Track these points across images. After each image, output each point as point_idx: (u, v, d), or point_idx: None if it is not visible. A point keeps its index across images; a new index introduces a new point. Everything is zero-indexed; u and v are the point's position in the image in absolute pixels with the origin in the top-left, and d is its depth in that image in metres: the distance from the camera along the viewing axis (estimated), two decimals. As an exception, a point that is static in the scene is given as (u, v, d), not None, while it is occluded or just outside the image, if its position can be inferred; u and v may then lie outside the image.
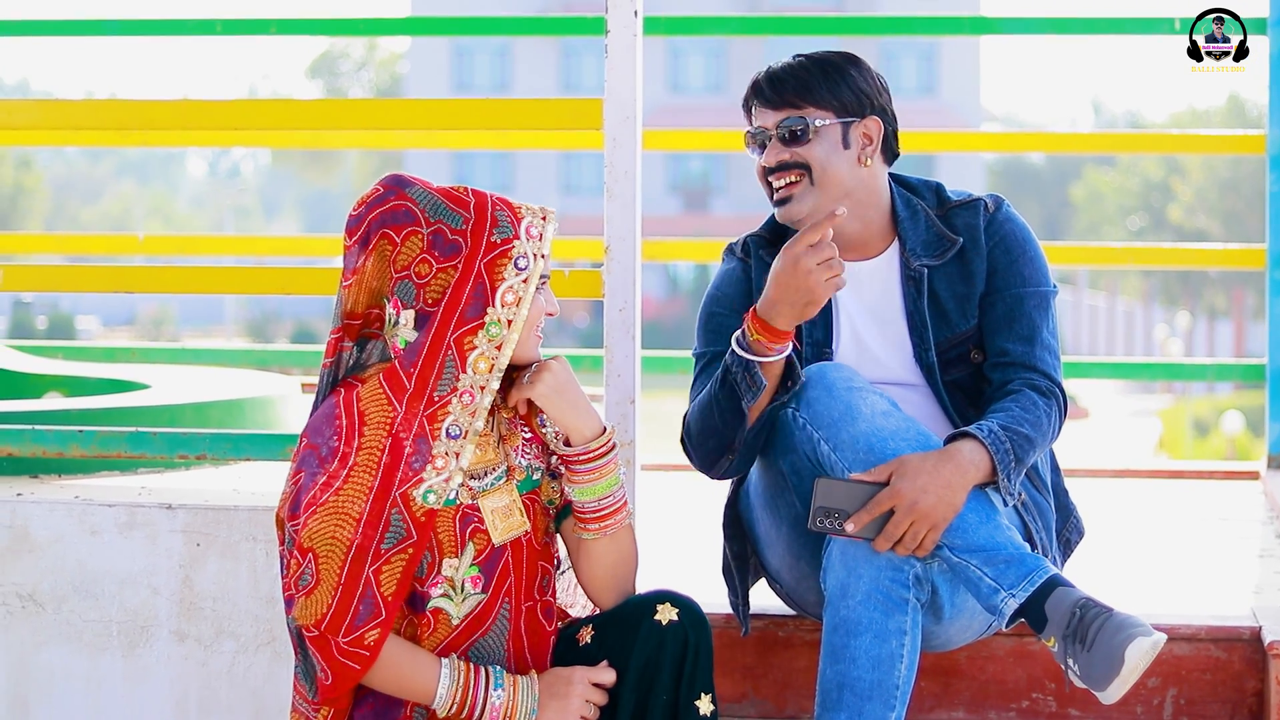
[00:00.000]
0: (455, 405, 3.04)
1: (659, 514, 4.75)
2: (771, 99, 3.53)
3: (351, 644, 2.97)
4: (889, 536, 3.24)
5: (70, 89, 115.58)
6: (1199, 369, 7.21)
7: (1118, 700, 3.13)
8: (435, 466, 3.02)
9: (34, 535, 4.07)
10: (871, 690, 3.24)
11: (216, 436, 4.31)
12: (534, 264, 3.06)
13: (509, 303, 3.04)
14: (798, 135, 3.49)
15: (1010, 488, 3.32)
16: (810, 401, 3.36)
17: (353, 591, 2.96)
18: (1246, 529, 5.10)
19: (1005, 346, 3.52)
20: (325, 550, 2.97)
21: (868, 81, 3.54)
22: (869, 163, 3.54)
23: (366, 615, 2.97)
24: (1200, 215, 47.10)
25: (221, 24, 6.46)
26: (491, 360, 3.04)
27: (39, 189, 55.69)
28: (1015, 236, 3.58)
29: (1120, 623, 3.09)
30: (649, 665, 3.08)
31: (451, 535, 3.07)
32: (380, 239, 3.05)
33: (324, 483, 2.99)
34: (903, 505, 3.22)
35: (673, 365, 6.54)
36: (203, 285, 4.46)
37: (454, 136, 7.41)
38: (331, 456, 3.00)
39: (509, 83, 58.58)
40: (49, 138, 7.04)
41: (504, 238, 3.05)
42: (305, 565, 2.97)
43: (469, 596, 3.09)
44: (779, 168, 3.52)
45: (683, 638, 3.08)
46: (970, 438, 3.31)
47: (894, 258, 3.61)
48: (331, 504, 2.97)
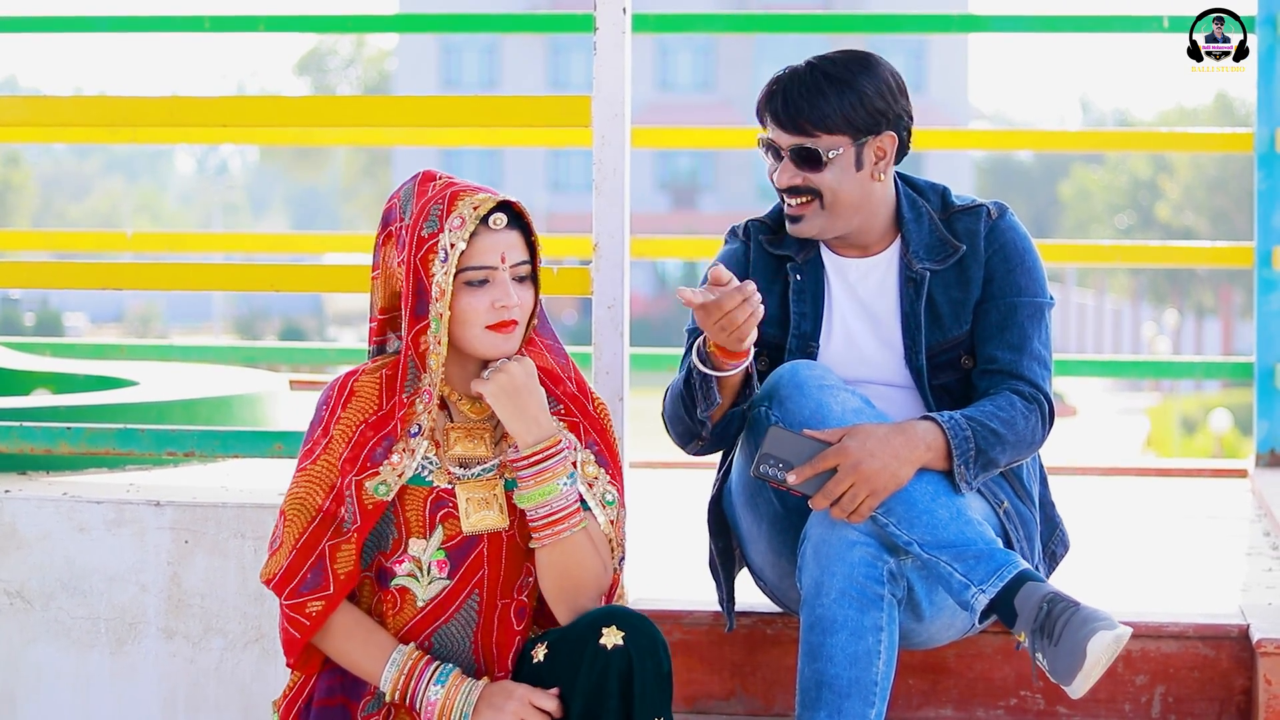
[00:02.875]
0: (419, 405, 3.07)
1: (647, 511, 4.75)
2: (784, 122, 3.51)
3: (293, 609, 3.03)
4: (827, 494, 3.26)
5: (59, 85, 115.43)
6: (1187, 367, 7.23)
7: (1084, 694, 3.13)
8: (390, 463, 3.06)
9: (22, 532, 4.06)
10: (850, 687, 3.25)
11: (204, 434, 4.30)
12: (452, 254, 3.01)
13: (436, 297, 3.03)
14: (811, 161, 3.50)
15: (968, 475, 3.32)
16: (782, 400, 3.38)
17: (306, 557, 3.04)
18: (1234, 527, 5.11)
19: (994, 354, 3.52)
20: (293, 513, 3.06)
21: (882, 95, 3.50)
22: (882, 177, 3.54)
23: (314, 584, 3.02)
24: (1188, 213, 47.17)
25: (210, 21, 6.46)
26: (438, 356, 3.05)
27: (27, 185, 55.66)
28: (1015, 246, 3.58)
29: (1085, 617, 3.09)
30: (595, 691, 2.97)
31: (420, 516, 3.09)
32: (386, 236, 3.11)
33: (308, 450, 3.09)
34: (846, 465, 3.24)
35: (661, 363, 6.54)
36: (191, 282, 4.46)
37: (442, 134, 7.41)
38: (318, 425, 3.10)
39: (497, 80, 58.53)
40: (37, 134, 7.03)
41: (431, 231, 3.03)
42: (278, 524, 3.07)
43: (434, 581, 3.09)
44: (791, 190, 3.53)
45: (627, 663, 2.95)
46: (928, 419, 3.33)
47: (894, 257, 3.61)
48: (309, 470, 3.07)
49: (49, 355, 7.07)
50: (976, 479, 3.35)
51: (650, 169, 56.02)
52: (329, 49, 67.85)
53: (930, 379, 3.55)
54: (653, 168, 56.33)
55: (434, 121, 4.61)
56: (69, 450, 4.30)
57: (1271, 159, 5.81)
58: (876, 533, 3.28)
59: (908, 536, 3.24)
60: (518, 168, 57.65)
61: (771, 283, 3.62)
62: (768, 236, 3.64)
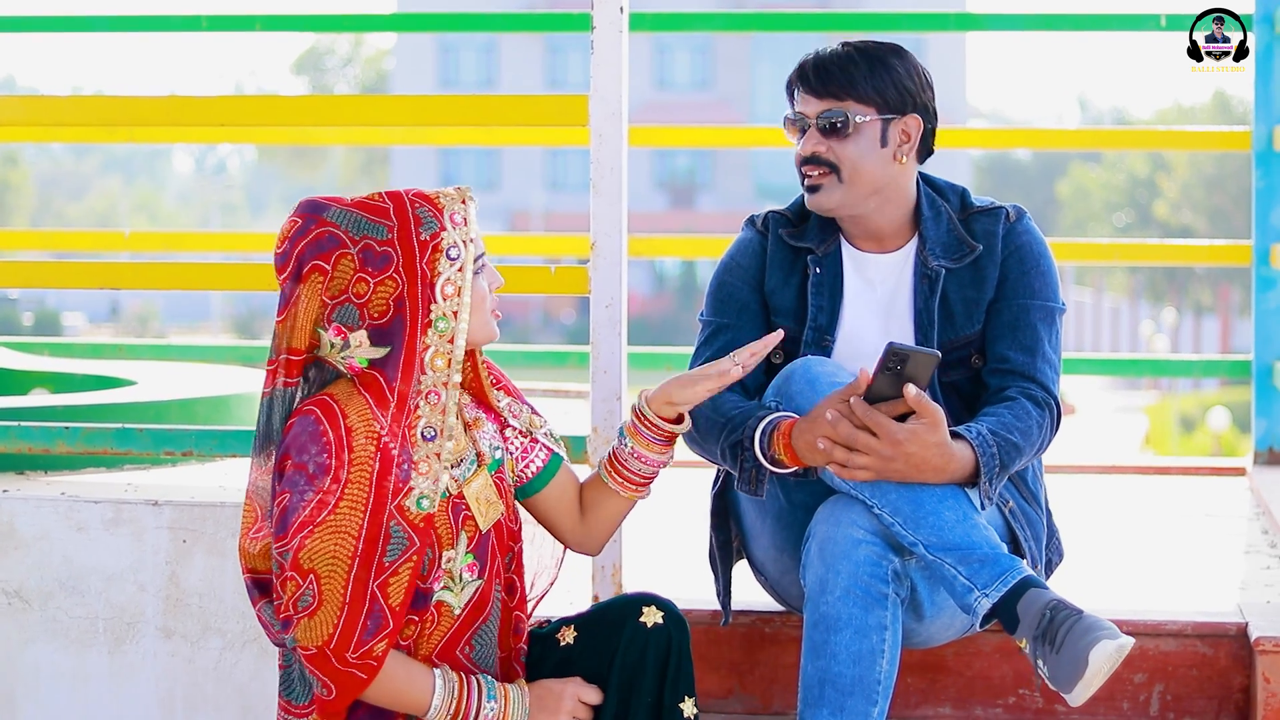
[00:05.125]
0: (424, 408, 3.03)
1: (647, 508, 4.75)
2: (816, 88, 3.52)
3: (361, 657, 2.94)
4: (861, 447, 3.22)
5: (56, 85, 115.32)
6: (1185, 365, 7.22)
7: (1084, 702, 3.13)
8: (420, 472, 3.01)
9: (20, 532, 4.06)
10: (853, 686, 3.25)
11: (203, 433, 4.30)
12: (465, 250, 3.03)
13: (449, 294, 3.02)
14: (837, 128, 3.50)
15: (990, 491, 3.32)
16: (793, 395, 3.38)
17: (359, 608, 2.93)
18: (1233, 525, 5.11)
19: (1006, 354, 3.52)
20: (327, 569, 2.92)
21: (913, 78, 3.53)
22: (904, 160, 3.55)
23: (374, 629, 2.95)
24: (1186, 211, 47.18)
25: (207, 20, 6.46)
26: (447, 355, 3.03)
27: (25, 185, 55.65)
28: (1031, 249, 3.59)
29: (1088, 626, 3.09)
30: (633, 668, 3.10)
31: (448, 527, 3.07)
32: (312, 270, 2.99)
33: (318, 501, 2.93)
34: (886, 451, 3.22)
35: (659, 361, 6.54)
36: (189, 281, 4.46)
37: (440, 133, 7.41)
38: (322, 473, 2.93)
39: (495, 79, 58.54)
40: (35, 134, 7.03)
41: (431, 233, 3.02)
42: (305, 587, 2.92)
43: (467, 584, 3.09)
44: (812, 159, 3.53)
45: (666, 640, 3.10)
46: (965, 443, 3.31)
47: (910, 254, 3.61)
48: (329, 522, 2.92)
49: (47, 355, 7.07)
50: (995, 492, 3.36)
51: (648, 168, 56.02)
52: (327, 48, 67.84)
53: (940, 376, 3.55)
54: (650, 167, 56.33)
55: (432, 121, 4.61)
56: (67, 450, 4.30)
57: (1269, 157, 5.81)
58: (882, 532, 3.28)
59: (913, 537, 3.24)
60: (515, 167, 57.66)
61: (789, 275, 3.62)
62: (788, 229, 3.65)
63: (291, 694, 3.06)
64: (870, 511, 3.28)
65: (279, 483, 2.97)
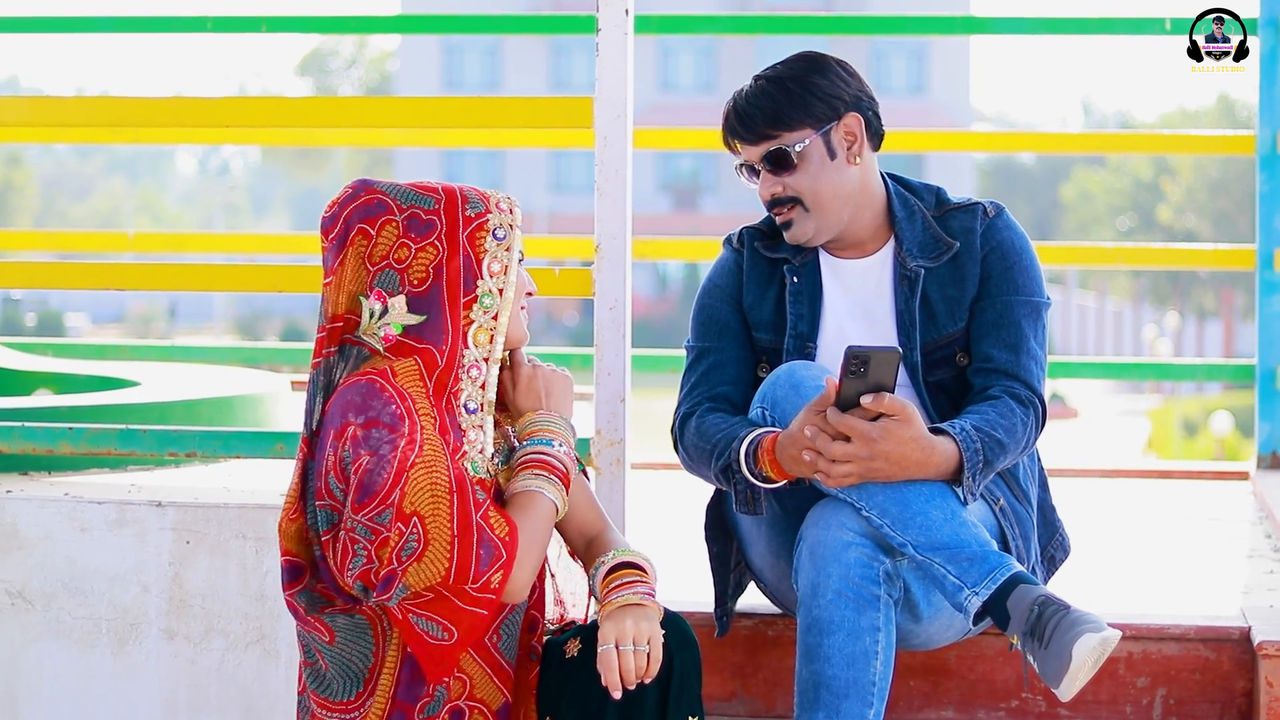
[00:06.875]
0: (465, 380, 3.06)
1: (648, 513, 4.75)
2: (746, 134, 3.54)
3: (480, 590, 2.91)
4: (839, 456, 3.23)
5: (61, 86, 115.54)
6: (1188, 369, 7.23)
7: (1074, 695, 3.14)
8: (469, 440, 3.06)
9: (23, 532, 4.07)
10: (847, 688, 3.25)
11: (206, 434, 4.30)
12: (511, 233, 3.09)
13: (495, 272, 3.08)
14: (783, 164, 3.52)
15: (974, 487, 3.33)
16: (778, 401, 3.39)
17: (468, 539, 2.91)
18: (1236, 529, 5.11)
19: (990, 352, 3.52)
20: (429, 508, 2.90)
21: (834, 81, 3.53)
22: (858, 160, 3.55)
23: (489, 559, 2.92)
24: (1190, 215, 47.15)
25: (212, 21, 6.46)
26: (490, 330, 3.07)
27: (28, 186, 55.67)
28: (1012, 244, 3.58)
29: (1074, 619, 3.09)
30: (635, 687, 3.02)
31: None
32: (357, 234, 3.04)
33: (404, 446, 2.91)
34: (864, 451, 3.22)
35: (663, 364, 6.54)
36: (192, 282, 4.46)
37: (444, 135, 7.41)
38: (398, 421, 2.92)
39: (499, 81, 58.54)
40: (39, 134, 7.04)
41: (477, 212, 3.08)
42: (409, 532, 2.89)
43: None
44: (774, 201, 3.56)
45: (668, 658, 3.03)
46: (948, 436, 3.31)
47: (888, 257, 3.61)
48: (421, 463, 2.91)
49: (50, 356, 7.07)
50: (979, 488, 3.36)
51: (652, 170, 56.02)
52: (331, 50, 67.87)
53: (925, 375, 3.55)
54: (654, 169, 56.33)
55: (436, 122, 4.62)
56: (70, 451, 4.31)
57: (1273, 161, 5.81)
58: (872, 534, 3.28)
59: (902, 538, 3.24)
60: (519, 169, 57.66)
61: (766, 288, 3.63)
62: (764, 242, 3.65)
63: (328, 690, 3.03)
64: (859, 514, 3.29)
65: (351, 447, 2.93)
